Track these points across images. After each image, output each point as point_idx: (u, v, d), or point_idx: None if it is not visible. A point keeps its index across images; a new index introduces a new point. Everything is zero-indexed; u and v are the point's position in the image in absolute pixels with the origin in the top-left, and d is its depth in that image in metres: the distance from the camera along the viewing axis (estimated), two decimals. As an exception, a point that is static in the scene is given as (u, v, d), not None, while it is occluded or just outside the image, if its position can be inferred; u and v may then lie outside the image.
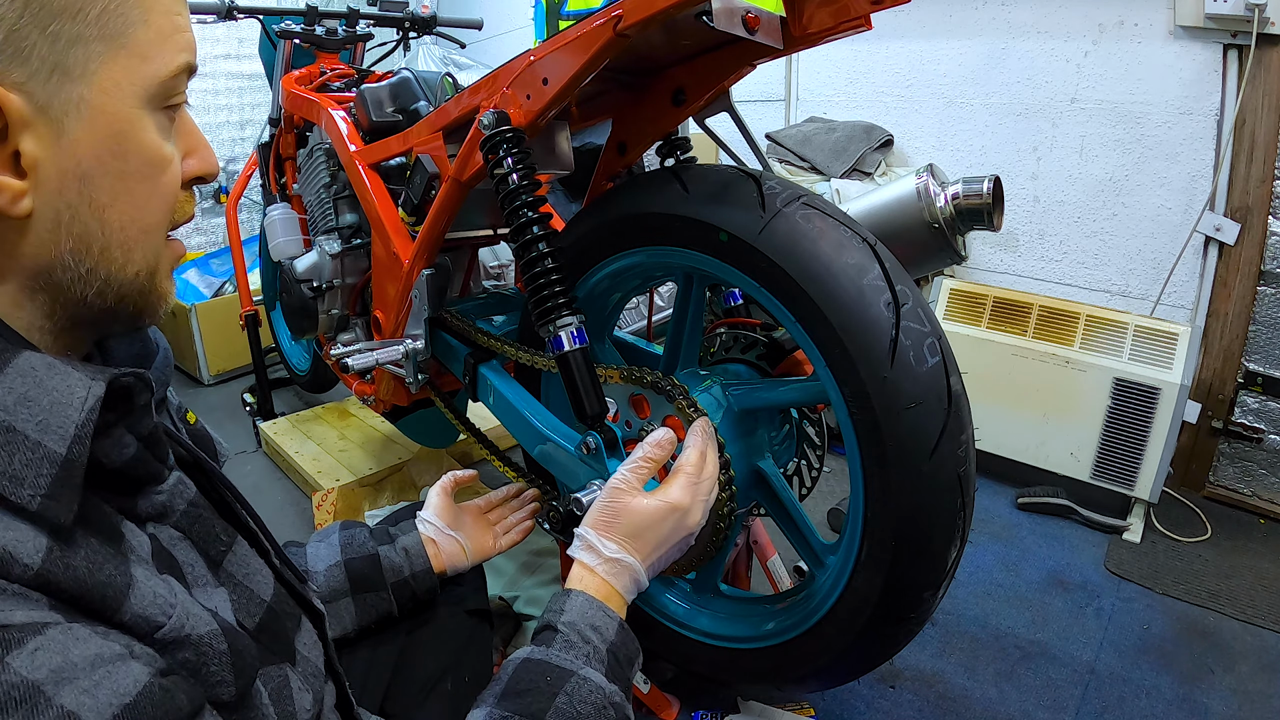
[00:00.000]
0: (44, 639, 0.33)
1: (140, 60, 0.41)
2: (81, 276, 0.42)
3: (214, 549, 0.50)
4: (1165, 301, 1.96)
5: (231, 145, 3.23)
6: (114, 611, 0.38)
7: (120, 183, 0.42)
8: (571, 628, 0.63)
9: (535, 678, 0.59)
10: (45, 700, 0.32)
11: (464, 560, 0.90)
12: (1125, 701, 1.28)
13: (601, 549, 0.69)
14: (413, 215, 1.17)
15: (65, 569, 0.36)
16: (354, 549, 0.84)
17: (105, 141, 0.41)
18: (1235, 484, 1.95)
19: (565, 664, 0.60)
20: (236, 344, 2.41)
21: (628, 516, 0.70)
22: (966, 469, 0.75)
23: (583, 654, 0.62)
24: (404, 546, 0.87)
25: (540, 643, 0.63)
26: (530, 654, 0.62)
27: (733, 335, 1.06)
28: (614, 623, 0.66)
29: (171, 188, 0.46)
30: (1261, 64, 1.71)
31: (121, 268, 0.44)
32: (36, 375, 0.38)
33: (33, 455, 0.37)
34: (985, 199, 0.95)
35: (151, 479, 0.46)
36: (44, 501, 0.36)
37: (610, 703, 0.60)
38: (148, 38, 0.41)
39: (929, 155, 2.30)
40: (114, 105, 0.41)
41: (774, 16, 0.80)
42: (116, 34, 0.40)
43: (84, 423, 0.38)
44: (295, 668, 0.54)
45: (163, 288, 0.48)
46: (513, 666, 0.61)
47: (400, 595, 0.84)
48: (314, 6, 1.65)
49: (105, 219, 0.42)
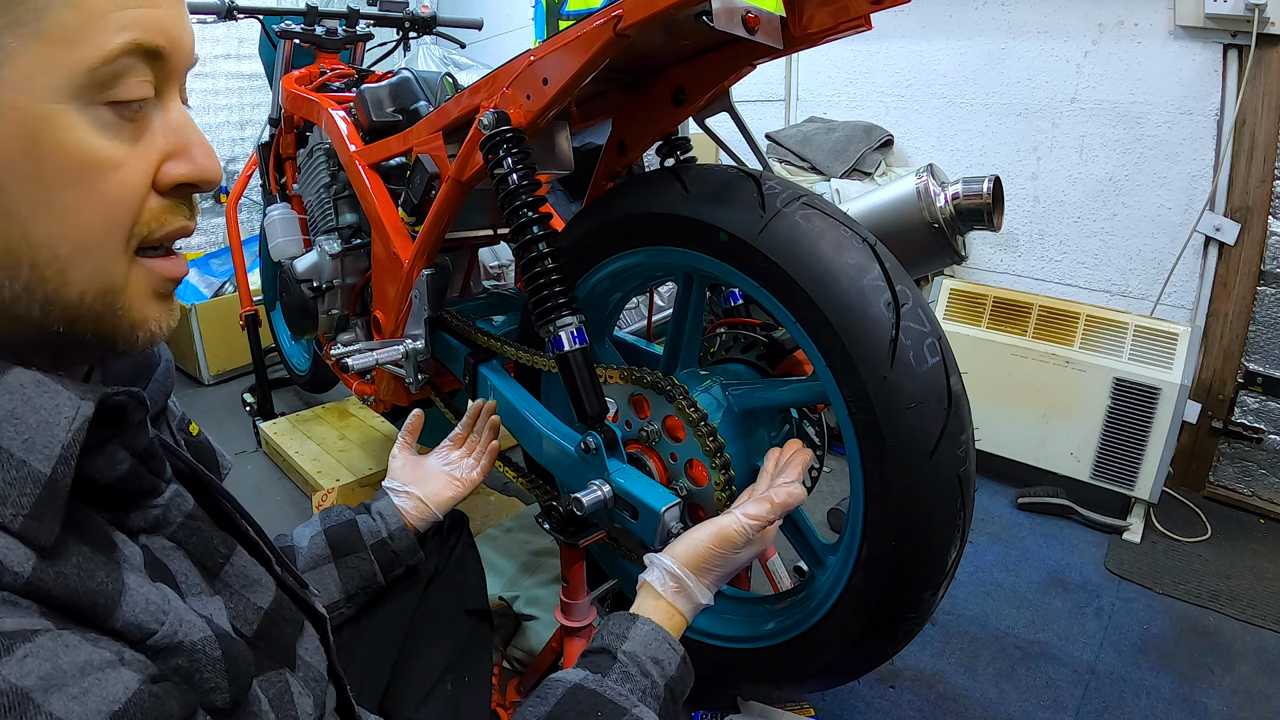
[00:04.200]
0: (33, 646, 0.33)
1: (63, 47, 0.36)
2: (19, 295, 0.38)
3: (211, 561, 0.50)
4: (1165, 301, 1.96)
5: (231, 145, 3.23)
6: (105, 618, 0.38)
7: (38, 190, 0.37)
8: (632, 659, 0.60)
9: (585, 710, 0.55)
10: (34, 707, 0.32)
11: (429, 512, 0.90)
12: (1125, 701, 1.28)
13: (698, 597, 0.67)
14: (413, 215, 1.17)
15: (56, 576, 0.35)
16: (332, 519, 0.86)
17: (14, 142, 0.36)
18: (1235, 484, 1.95)
19: (619, 699, 0.56)
20: (236, 344, 2.41)
21: (728, 566, 0.69)
22: (966, 469, 0.75)
23: (640, 689, 0.58)
24: (378, 510, 0.88)
25: (594, 668, 0.59)
26: (583, 680, 0.58)
27: (733, 335, 1.06)
28: (677, 657, 0.63)
29: (119, 196, 0.39)
30: (1261, 64, 1.71)
31: (58, 289, 0.39)
32: (25, 392, 0.37)
33: (16, 474, 0.36)
34: (985, 199, 0.95)
35: (146, 493, 0.45)
36: (26, 522, 0.35)
37: None
38: (74, 20, 0.36)
39: (929, 155, 2.30)
40: (23, 101, 0.36)
41: (774, 16, 0.80)
42: (27, 21, 0.35)
43: (70, 443, 0.37)
44: (296, 673, 0.53)
45: (136, 314, 0.42)
46: (561, 690, 0.57)
47: (381, 556, 0.85)
48: (314, 6, 1.65)
49: (28, 232, 0.37)
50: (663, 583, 0.67)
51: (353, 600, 0.84)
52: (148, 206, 0.41)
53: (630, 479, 0.85)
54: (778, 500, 0.71)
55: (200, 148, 0.43)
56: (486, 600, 0.96)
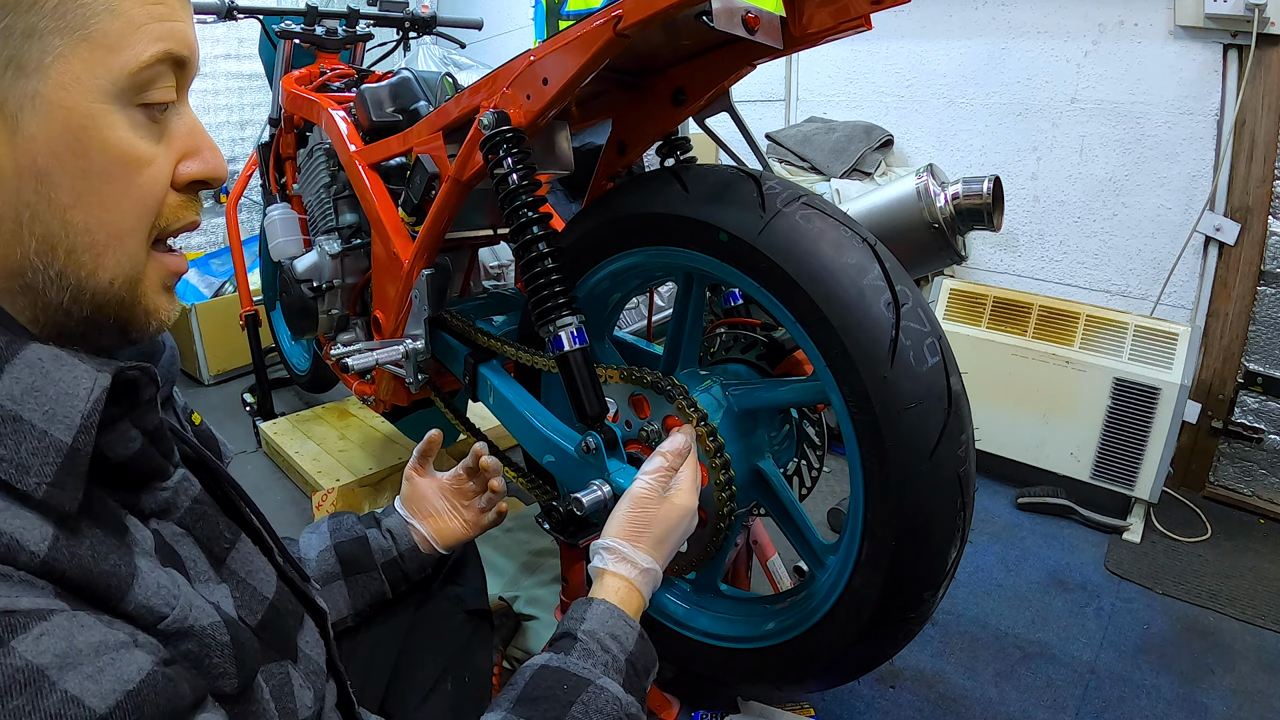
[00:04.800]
0: (49, 625, 0.33)
1: (106, 52, 0.39)
2: (52, 280, 0.41)
3: (218, 546, 0.50)
4: (1165, 301, 1.96)
5: (231, 145, 3.23)
6: (118, 601, 0.38)
7: (83, 182, 0.40)
8: (591, 636, 0.63)
9: (552, 685, 0.58)
10: (49, 684, 0.32)
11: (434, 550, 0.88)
12: (1125, 701, 1.28)
13: (638, 560, 0.69)
14: (413, 215, 1.17)
15: (71, 557, 0.36)
16: (343, 533, 0.85)
17: (63, 138, 0.39)
18: (1235, 484, 1.95)
19: (582, 672, 0.60)
20: (236, 344, 2.41)
21: (655, 525, 0.71)
22: (966, 469, 0.75)
23: (601, 663, 0.61)
24: (388, 528, 0.87)
25: (558, 649, 0.62)
26: (548, 660, 0.61)
27: (733, 335, 1.06)
28: (634, 632, 0.65)
29: (150, 190, 0.43)
30: (1261, 64, 1.71)
31: (92, 274, 0.42)
32: (43, 366, 0.39)
33: (39, 444, 0.37)
34: (985, 199, 0.95)
35: (156, 474, 0.47)
36: (49, 490, 0.37)
37: (626, 714, 0.59)
38: (115, 28, 0.39)
39: (929, 155, 2.30)
40: (73, 100, 0.39)
41: (774, 16, 0.80)
42: (76, 26, 0.38)
43: (90, 413, 0.39)
44: (297, 665, 0.54)
45: (150, 302, 0.45)
46: (530, 672, 0.60)
47: (391, 575, 0.85)
48: (314, 6, 1.65)
49: (68, 220, 0.40)
50: (603, 558, 0.70)
51: (360, 615, 0.84)
52: (168, 202, 0.44)
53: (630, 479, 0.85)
54: (668, 449, 0.76)
55: (211, 149, 0.46)
56: (486, 600, 0.96)
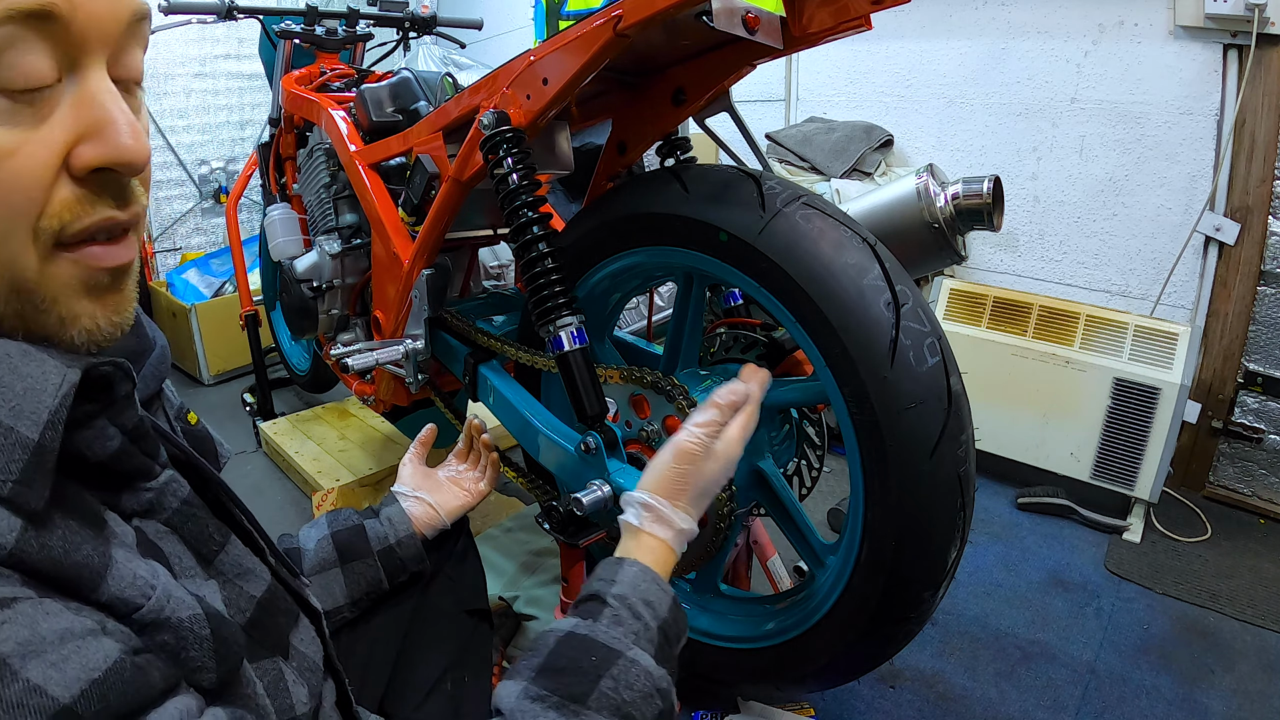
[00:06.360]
0: (13, 612, 0.33)
1: None
2: None
3: (206, 548, 0.49)
4: (1165, 301, 1.96)
5: (231, 145, 3.23)
6: (90, 591, 0.37)
7: None
8: (622, 601, 0.58)
9: (579, 655, 0.54)
10: (11, 673, 0.32)
11: (438, 518, 0.90)
12: (1125, 701, 1.28)
13: (675, 520, 0.65)
14: (413, 215, 1.17)
15: (40, 548, 0.35)
16: (340, 523, 0.86)
17: None
18: (1235, 484, 1.95)
19: (612, 642, 0.55)
20: (236, 344, 2.41)
21: (699, 482, 0.66)
22: (966, 469, 0.75)
23: (632, 631, 0.57)
24: (386, 516, 0.88)
25: (586, 614, 0.58)
26: (574, 627, 0.57)
27: (733, 335, 1.06)
28: (668, 598, 0.61)
29: (12, 186, 0.36)
30: (1261, 64, 1.71)
31: None
32: (11, 361, 0.37)
33: (4, 440, 0.36)
34: (985, 199, 0.95)
35: (139, 474, 0.45)
36: (15, 487, 0.35)
37: (657, 689, 0.55)
38: None
39: (929, 155, 2.30)
40: None
41: (774, 16, 0.80)
42: None
43: (57, 409, 0.37)
44: (289, 661, 0.53)
45: (62, 310, 0.39)
46: (554, 639, 0.56)
47: (387, 563, 0.85)
48: (314, 6, 1.65)
49: None
50: (638, 515, 0.66)
51: (357, 605, 0.84)
52: (57, 196, 0.37)
53: (630, 479, 0.85)
54: (722, 401, 0.68)
55: (118, 125, 0.38)
56: (486, 600, 0.96)
